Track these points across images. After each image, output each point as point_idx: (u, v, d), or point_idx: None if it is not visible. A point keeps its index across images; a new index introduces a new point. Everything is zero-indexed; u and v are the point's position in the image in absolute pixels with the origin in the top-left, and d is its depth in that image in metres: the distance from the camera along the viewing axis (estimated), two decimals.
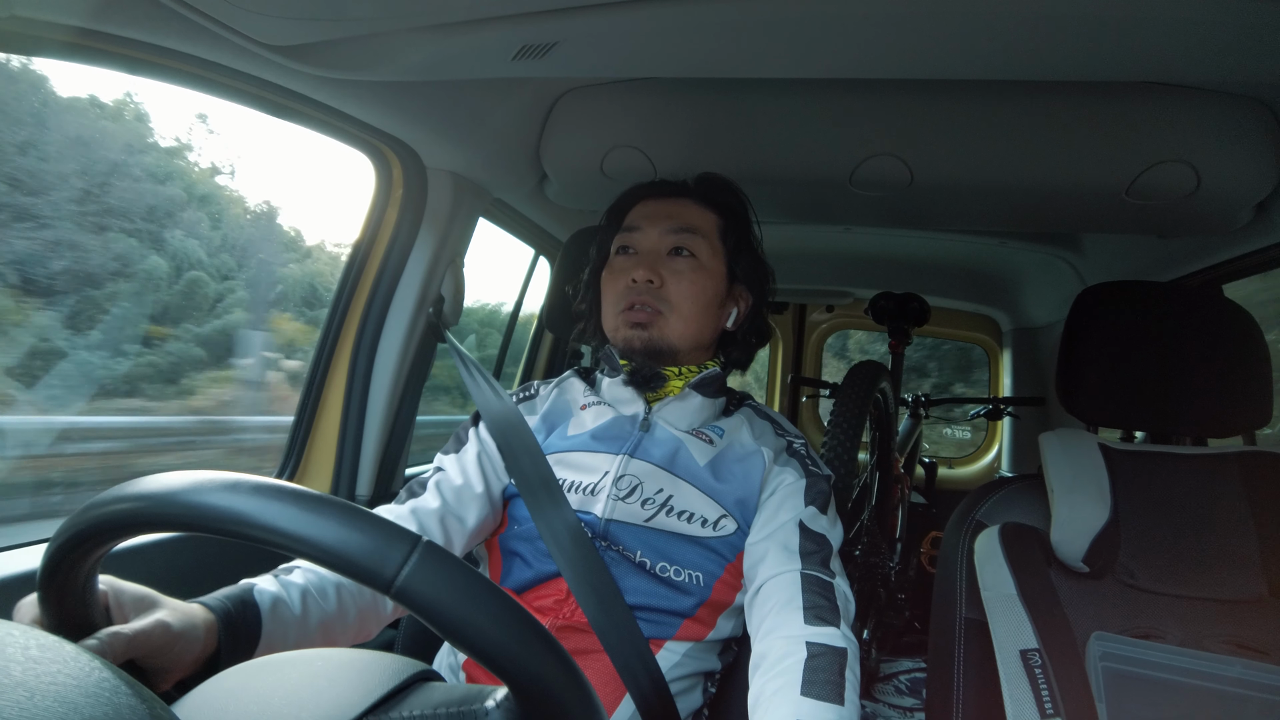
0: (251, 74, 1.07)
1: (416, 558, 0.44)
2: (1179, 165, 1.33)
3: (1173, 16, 0.87)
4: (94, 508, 0.49)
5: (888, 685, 2.97)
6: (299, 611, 0.84)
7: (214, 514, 0.45)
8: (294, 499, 0.46)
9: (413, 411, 1.62)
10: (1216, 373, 1.23)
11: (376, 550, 0.44)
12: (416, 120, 1.32)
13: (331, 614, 0.88)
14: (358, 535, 0.44)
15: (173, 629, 0.66)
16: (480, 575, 0.46)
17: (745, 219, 1.27)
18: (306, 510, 0.45)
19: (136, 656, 0.62)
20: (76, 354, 1.36)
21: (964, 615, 1.22)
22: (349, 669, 0.54)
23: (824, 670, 0.89)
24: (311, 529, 0.44)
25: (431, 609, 0.44)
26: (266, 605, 0.80)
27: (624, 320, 1.17)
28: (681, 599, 1.05)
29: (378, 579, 0.44)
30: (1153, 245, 1.94)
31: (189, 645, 0.68)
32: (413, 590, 0.44)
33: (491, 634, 0.44)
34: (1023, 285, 2.94)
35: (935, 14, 0.91)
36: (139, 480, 0.49)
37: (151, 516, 0.47)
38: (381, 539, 0.45)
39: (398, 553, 0.44)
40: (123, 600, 0.66)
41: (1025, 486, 1.34)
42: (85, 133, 1.38)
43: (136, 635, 0.62)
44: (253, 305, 1.84)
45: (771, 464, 1.14)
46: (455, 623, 0.44)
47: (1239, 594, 1.13)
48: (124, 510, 0.48)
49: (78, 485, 1.33)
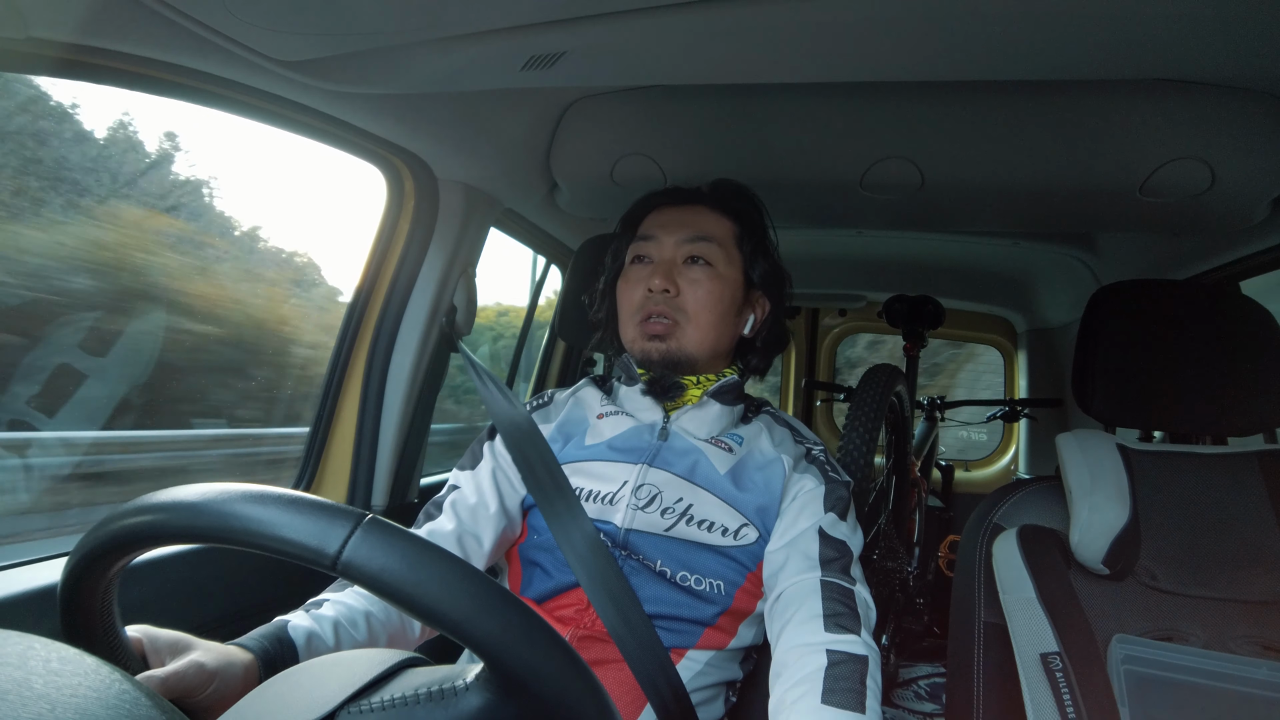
0: (264, 89, 1.08)
1: (360, 532, 0.44)
2: (1193, 162, 1.32)
3: (1183, 13, 0.86)
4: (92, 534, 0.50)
5: (907, 691, 2.94)
6: (333, 644, 0.86)
7: (160, 524, 0.47)
8: (239, 494, 0.47)
9: (427, 420, 1.62)
10: (1235, 370, 1.21)
11: (319, 529, 0.44)
12: (427, 132, 1.33)
13: (362, 643, 0.90)
14: (299, 517, 0.45)
15: (207, 668, 0.67)
16: (426, 542, 0.46)
17: (761, 225, 1.26)
18: (247, 501, 0.46)
19: (173, 698, 0.63)
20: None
21: (983, 619, 1.21)
22: (343, 662, 0.54)
23: (845, 678, 0.88)
24: (253, 517, 0.45)
25: (379, 580, 0.44)
26: (302, 641, 0.82)
27: (641, 332, 1.16)
28: (703, 608, 1.05)
29: (322, 557, 0.44)
30: (1168, 243, 1.92)
31: (228, 684, 0.69)
32: (358, 564, 0.44)
33: (443, 597, 0.44)
34: (1037, 286, 2.92)
35: (943, 16, 0.90)
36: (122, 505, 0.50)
37: (127, 537, 0.49)
38: (324, 518, 0.45)
39: (340, 529, 0.44)
40: (158, 646, 0.67)
41: (1043, 488, 1.32)
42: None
43: (170, 676, 0.63)
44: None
45: (791, 471, 1.13)
46: (405, 591, 0.44)
47: (1264, 595, 1.11)
48: (108, 536, 0.49)
49: None
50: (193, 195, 1.70)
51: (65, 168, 1.36)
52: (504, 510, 1.14)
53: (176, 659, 0.67)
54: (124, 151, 1.49)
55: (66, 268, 1.33)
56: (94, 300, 1.39)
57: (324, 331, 1.74)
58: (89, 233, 1.40)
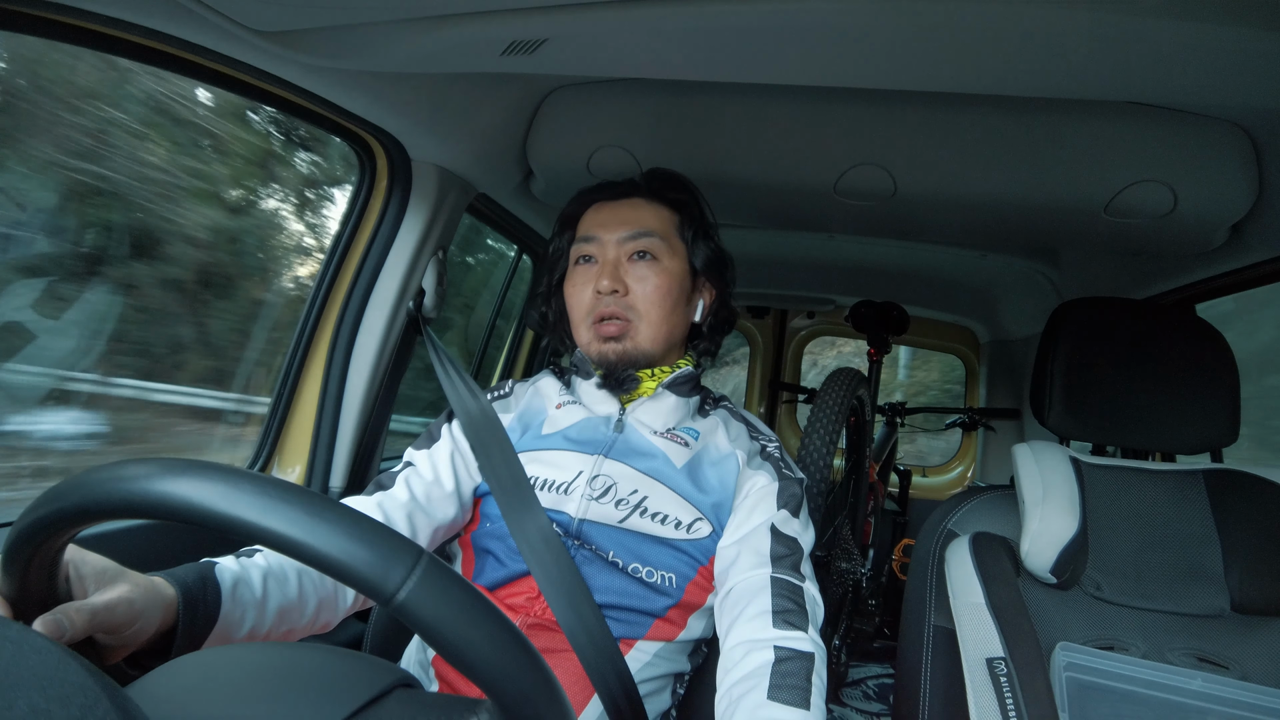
0: (236, 58, 1.05)
1: (419, 573, 0.44)
2: (1157, 185, 1.36)
3: (1156, 39, 0.88)
4: (80, 488, 0.48)
5: (855, 690, 2.99)
6: (259, 594, 0.83)
7: (211, 511, 0.45)
8: (300, 502, 0.45)
9: (390, 403, 1.61)
10: (1187, 390, 1.25)
11: (380, 563, 0.44)
12: (403, 112, 1.31)
13: (291, 600, 0.87)
14: (362, 547, 0.44)
15: (135, 606, 0.65)
16: (479, 594, 0.46)
17: (700, 211, 1.26)
18: (311, 515, 0.45)
19: (97, 633, 0.61)
20: None
21: (933, 623, 1.23)
22: (324, 672, 0.53)
23: (791, 675, 0.89)
24: (315, 536, 0.44)
25: (431, 628, 0.44)
26: (228, 585, 0.79)
27: (596, 334, 1.16)
28: (654, 599, 1.06)
29: (379, 592, 0.44)
30: (1129, 263, 1.96)
31: (150, 622, 0.67)
32: (413, 607, 0.44)
33: (488, 657, 0.44)
34: (1001, 298, 2.98)
35: (923, 27, 0.91)
36: (134, 463, 0.48)
37: (145, 506, 0.46)
38: (386, 551, 0.44)
39: (401, 566, 0.44)
40: (84, 572, 0.64)
41: (997, 497, 1.35)
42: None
43: (98, 612, 0.61)
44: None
45: (745, 466, 1.14)
46: (453, 643, 0.44)
47: (1202, 609, 1.15)
48: (115, 494, 0.47)
49: None
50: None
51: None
52: (458, 493, 1.13)
53: (103, 589, 0.64)
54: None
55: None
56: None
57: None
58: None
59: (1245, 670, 1.10)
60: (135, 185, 1.41)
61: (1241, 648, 1.13)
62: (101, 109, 1.32)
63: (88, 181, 1.32)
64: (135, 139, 1.38)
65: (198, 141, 1.54)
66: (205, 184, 1.58)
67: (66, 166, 1.28)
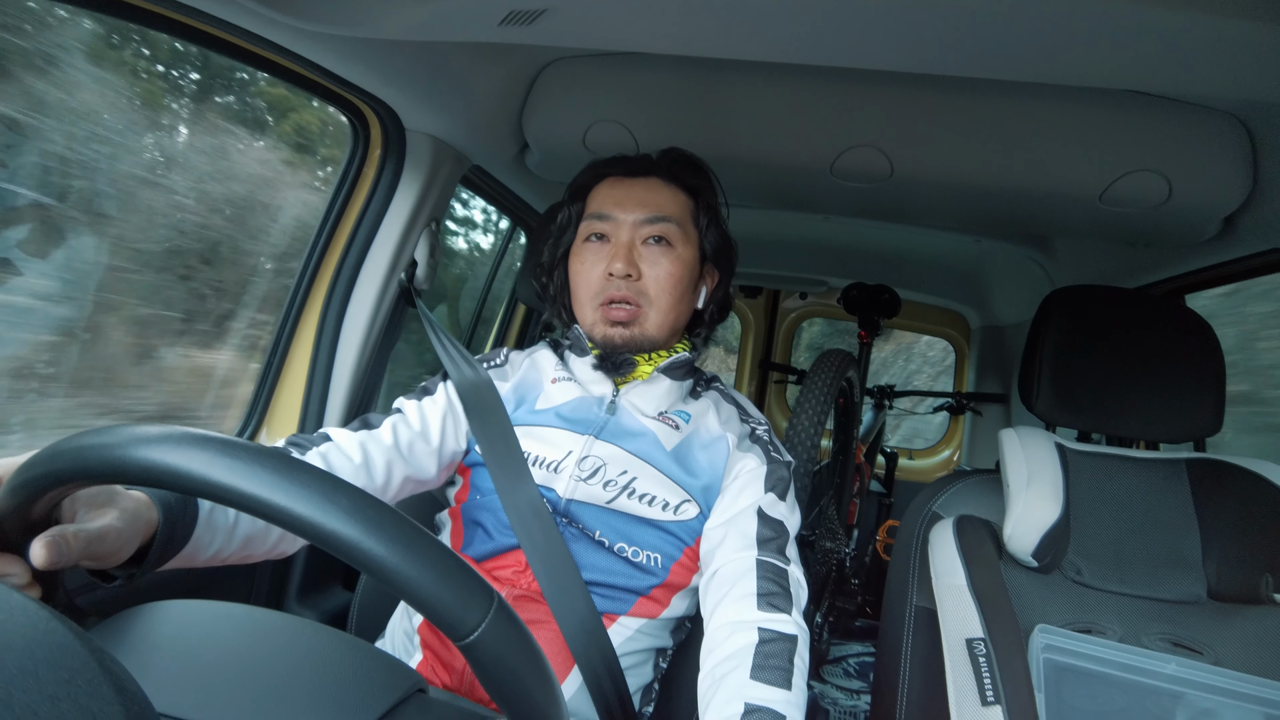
0: (231, 22, 1.04)
1: (491, 617, 0.48)
2: (1152, 175, 1.36)
3: (1156, 27, 0.88)
4: (156, 444, 0.48)
5: (837, 668, 3.03)
6: (231, 519, 0.82)
7: (312, 523, 0.46)
8: (397, 530, 0.47)
9: (380, 374, 1.60)
10: (1173, 380, 1.26)
11: (460, 603, 0.47)
12: (398, 81, 1.30)
13: (259, 528, 0.87)
14: (447, 586, 0.47)
15: (123, 535, 0.64)
16: (539, 649, 0.50)
17: (714, 198, 1.25)
18: (407, 546, 0.47)
19: (80, 560, 0.60)
20: None
21: (915, 603, 1.25)
22: (342, 675, 0.53)
23: (774, 656, 0.91)
24: (407, 565, 0.46)
25: (492, 675, 0.47)
26: (205, 508, 0.79)
27: (603, 316, 1.14)
28: (640, 578, 1.07)
29: (455, 630, 0.47)
30: (1122, 252, 1.97)
31: (129, 547, 0.66)
32: (481, 650, 0.47)
33: (541, 707, 0.48)
34: (993, 284, 2.99)
35: (924, 9, 0.91)
36: (233, 445, 0.48)
37: (220, 492, 0.47)
38: (466, 593, 0.47)
39: (478, 610, 0.47)
40: (78, 496, 0.64)
41: (982, 481, 1.36)
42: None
43: (91, 541, 0.60)
44: None
45: (735, 449, 1.14)
46: (510, 692, 0.48)
47: (1179, 595, 1.17)
48: (182, 467, 0.47)
49: None
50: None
51: None
52: (440, 452, 1.12)
53: (94, 513, 0.63)
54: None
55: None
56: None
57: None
58: None
59: (1219, 656, 1.12)
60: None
61: (1216, 634, 1.15)
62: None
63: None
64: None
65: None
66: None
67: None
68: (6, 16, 1.12)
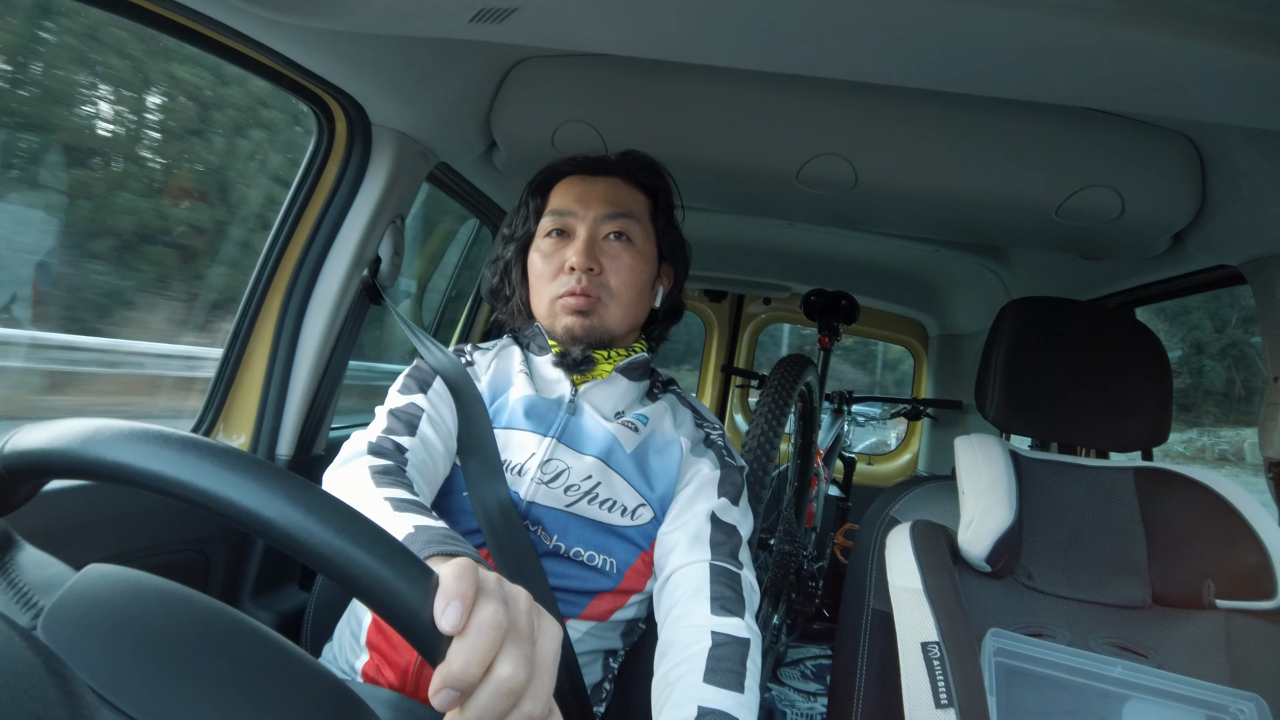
0: (194, 9, 1.01)
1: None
2: (1107, 190, 1.39)
3: (1110, 46, 0.90)
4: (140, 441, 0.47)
5: (794, 670, 3.05)
6: None
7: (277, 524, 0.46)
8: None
9: (340, 371, 1.57)
10: (1123, 391, 1.29)
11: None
12: (365, 74, 1.28)
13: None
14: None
15: None
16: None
17: (671, 199, 1.27)
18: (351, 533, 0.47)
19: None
20: None
21: (871, 606, 1.26)
22: (291, 694, 0.51)
23: (727, 659, 0.91)
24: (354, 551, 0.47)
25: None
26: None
27: (563, 306, 1.14)
28: (594, 579, 1.06)
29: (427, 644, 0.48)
30: (1076, 265, 2.02)
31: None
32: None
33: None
34: (951, 293, 3.04)
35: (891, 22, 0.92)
36: (219, 450, 0.48)
37: (208, 502, 0.47)
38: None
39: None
40: None
41: (938, 487, 1.39)
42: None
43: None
44: None
45: (689, 454, 1.15)
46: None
47: (1126, 600, 1.20)
48: (155, 469, 0.47)
49: None
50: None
51: None
52: (450, 445, 1.10)
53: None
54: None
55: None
56: None
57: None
58: None
59: (1162, 659, 1.16)
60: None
61: (1160, 638, 1.18)
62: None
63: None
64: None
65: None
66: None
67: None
68: None
